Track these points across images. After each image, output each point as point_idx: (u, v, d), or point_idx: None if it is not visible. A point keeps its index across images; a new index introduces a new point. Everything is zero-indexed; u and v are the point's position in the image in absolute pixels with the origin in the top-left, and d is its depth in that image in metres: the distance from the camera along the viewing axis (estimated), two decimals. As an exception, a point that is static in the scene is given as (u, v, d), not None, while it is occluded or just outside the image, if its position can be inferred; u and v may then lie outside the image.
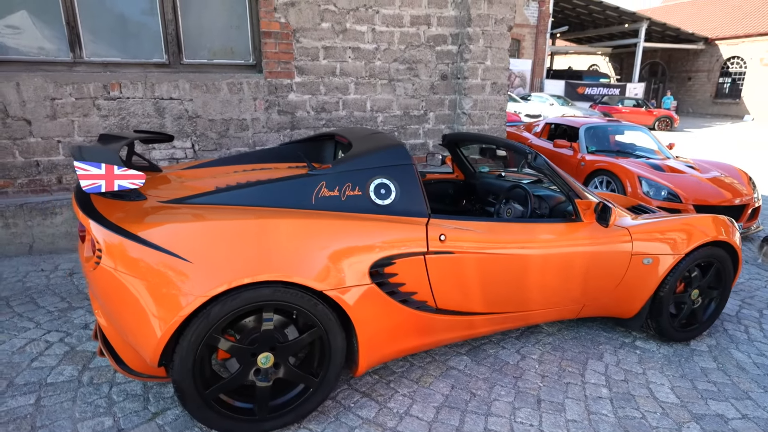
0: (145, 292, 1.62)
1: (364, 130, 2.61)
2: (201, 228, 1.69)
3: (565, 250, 2.32)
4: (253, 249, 1.71)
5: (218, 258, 1.67)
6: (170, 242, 1.64)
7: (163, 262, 1.62)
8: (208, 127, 4.00)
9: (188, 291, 1.62)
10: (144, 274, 1.62)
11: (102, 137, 2.38)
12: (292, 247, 1.76)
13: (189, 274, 1.63)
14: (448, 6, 4.47)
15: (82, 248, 1.88)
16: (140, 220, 1.69)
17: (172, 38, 3.84)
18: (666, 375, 2.40)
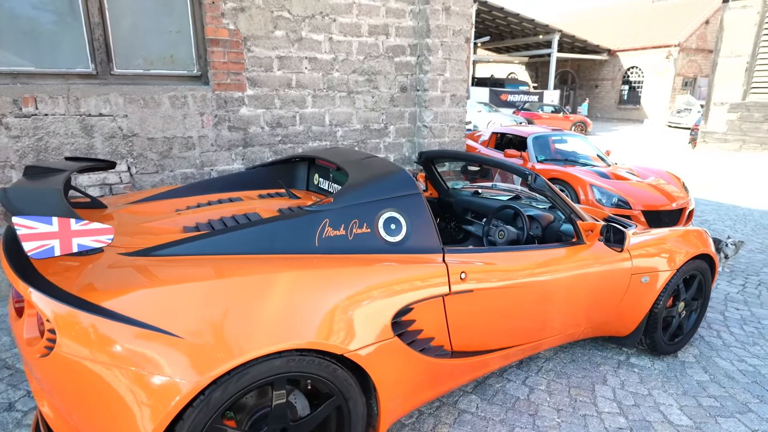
0: (122, 382, 1.23)
1: (354, 152, 2.34)
2: (189, 291, 1.34)
3: (574, 273, 2.21)
4: (260, 312, 1.38)
5: (215, 328, 1.32)
6: (151, 314, 1.27)
7: (144, 341, 1.25)
8: (147, 146, 3.48)
9: (181, 376, 1.26)
10: (119, 359, 1.23)
11: (28, 170, 1.89)
12: (305, 304, 1.46)
13: (180, 354, 1.27)
14: (407, 16, 4.31)
15: (17, 325, 1.42)
16: (105, 286, 1.30)
17: (99, 44, 3.29)
18: (670, 394, 2.38)
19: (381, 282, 1.62)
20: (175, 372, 1.25)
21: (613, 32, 30.67)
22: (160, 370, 1.24)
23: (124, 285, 1.31)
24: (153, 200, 2.30)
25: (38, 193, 1.44)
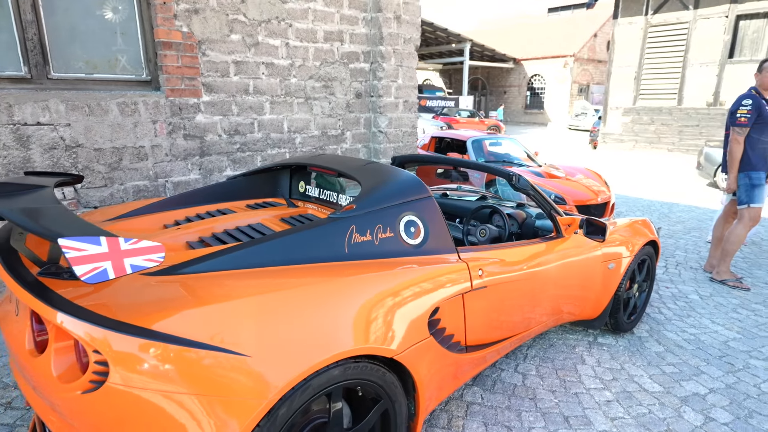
0: (186, 411, 1.15)
1: (350, 159, 2.34)
2: (246, 307, 1.28)
3: (563, 262, 2.41)
4: (316, 322, 1.36)
5: (278, 343, 1.28)
6: (211, 334, 1.20)
7: (209, 364, 1.17)
8: (93, 158, 3.16)
9: (250, 396, 1.20)
10: (181, 385, 1.14)
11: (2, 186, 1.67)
12: (355, 311, 1.45)
13: (249, 374, 1.21)
14: (360, 23, 4.36)
15: (38, 362, 1.24)
16: (152, 309, 1.20)
17: (33, 45, 2.94)
18: (638, 366, 2.67)
19: (417, 284, 1.66)
20: (243, 393, 1.19)
21: (518, 42, 33.12)
22: (228, 393, 1.18)
23: (174, 306, 1.21)
24: (134, 216, 2.12)
25: (58, 212, 1.28)
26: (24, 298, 1.20)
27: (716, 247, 4.31)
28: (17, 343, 1.35)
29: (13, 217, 1.20)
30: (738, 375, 2.60)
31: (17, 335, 1.36)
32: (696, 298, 3.72)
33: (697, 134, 12.65)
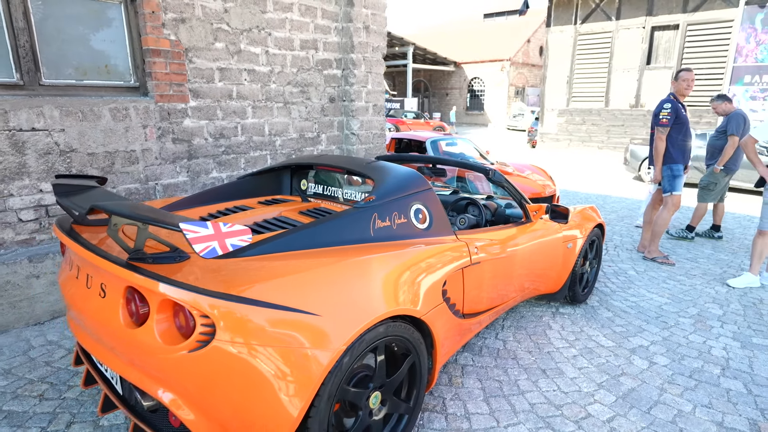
0: (275, 362, 1.42)
1: (355, 158, 2.64)
2: (315, 277, 1.57)
3: (533, 243, 2.85)
4: (367, 288, 1.67)
5: (341, 305, 1.58)
6: (291, 298, 1.48)
7: (294, 323, 1.46)
8: (87, 162, 3.23)
9: (325, 347, 1.49)
10: (272, 341, 1.42)
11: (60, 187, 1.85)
12: (393, 280, 1.78)
13: (321, 330, 1.50)
14: (332, 32, 4.65)
15: (141, 332, 1.44)
16: (242, 282, 1.46)
17: (25, 52, 2.98)
18: (594, 328, 3.18)
19: (434, 259, 2.01)
20: (319, 344, 1.48)
21: (457, 46, 34.42)
22: (308, 345, 1.46)
23: (260, 278, 1.48)
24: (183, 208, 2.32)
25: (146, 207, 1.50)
26: (130, 278, 1.41)
27: (647, 230, 5.01)
28: (103, 320, 1.55)
29: (129, 213, 1.41)
30: (671, 330, 3.18)
31: (102, 313, 1.55)
32: (633, 273, 4.35)
33: (623, 133, 14.01)
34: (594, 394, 2.41)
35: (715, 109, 5.34)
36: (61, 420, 2.07)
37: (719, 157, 5.11)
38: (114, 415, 2.12)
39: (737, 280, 4.06)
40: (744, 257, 4.87)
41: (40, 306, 2.99)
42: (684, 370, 2.67)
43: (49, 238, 3.14)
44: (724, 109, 5.22)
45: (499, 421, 2.17)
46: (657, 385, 2.51)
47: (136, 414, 1.64)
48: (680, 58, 12.90)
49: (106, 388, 1.77)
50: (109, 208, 1.48)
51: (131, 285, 1.46)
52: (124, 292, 1.51)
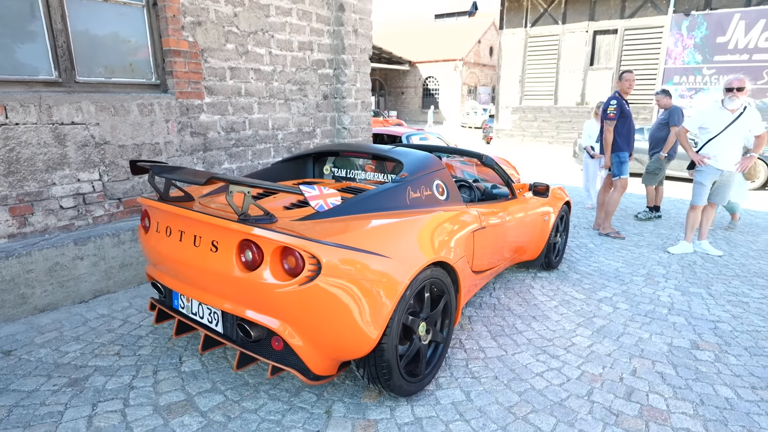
0: (363, 293, 1.89)
1: (377, 145, 3.12)
2: (384, 230, 2.06)
3: (520, 215, 3.44)
4: (418, 240, 2.17)
5: (403, 250, 2.07)
6: (373, 245, 1.96)
7: (375, 262, 1.93)
8: (118, 154, 3.50)
9: (395, 282, 1.98)
10: (362, 276, 1.89)
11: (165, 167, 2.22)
12: (435, 235, 2.29)
13: (393, 268, 1.99)
14: (325, 35, 5.07)
15: (254, 275, 1.86)
16: (334, 232, 1.91)
17: (63, 51, 3.22)
18: (567, 286, 3.83)
19: (458, 221, 2.54)
20: (391, 279, 1.97)
21: (411, 46, 35.29)
22: (385, 280, 1.94)
23: (344, 230, 1.94)
24: (221, 192, 2.69)
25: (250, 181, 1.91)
26: (250, 233, 1.83)
27: (600, 210, 5.80)
28: (216, 270, 1.94)
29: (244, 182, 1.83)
30: (627, 285, 3.88)
31: (215, 265, 1.95)
32: (592, 246, 5.09)
33: (570, 129, 15.20)
34: (575, 330, 3.03)
35: (659, 101, 6.22)
36: (147, 369, 2.42)
37: (663, 146, 5.98)
38: (193, 361, 2.49)
39: (675, 248, 4.88)
40: (679, 231, 5.75)
41: (84, 285, 3.25)
42: (640, 311, 3.35)
43: (86, 224, 3.39)
44: (666, 102, 6.11)
45: (506, 351, 2.74)
46: (621, 322, 3.17)
47: (241, 345, 2.05)
48: (619, 59, 14.20)
49: (204, 330, 2.17)
50: (228, 178, 1.89)
51: (249, 238, 1.87)
52: (238, 245, 1.92)
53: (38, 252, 3.00)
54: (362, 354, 1.99)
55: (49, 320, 2.94)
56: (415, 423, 2.07)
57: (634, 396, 2.31)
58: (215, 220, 1.92)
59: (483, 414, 2.14)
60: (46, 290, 3.06)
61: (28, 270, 2.96)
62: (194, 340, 2.73)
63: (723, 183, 4.72)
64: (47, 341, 2.69)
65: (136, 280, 3.54)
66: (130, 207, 3.64)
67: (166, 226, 2.22)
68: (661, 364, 2.63)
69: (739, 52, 12.38)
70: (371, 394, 2.26)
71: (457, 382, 2.41)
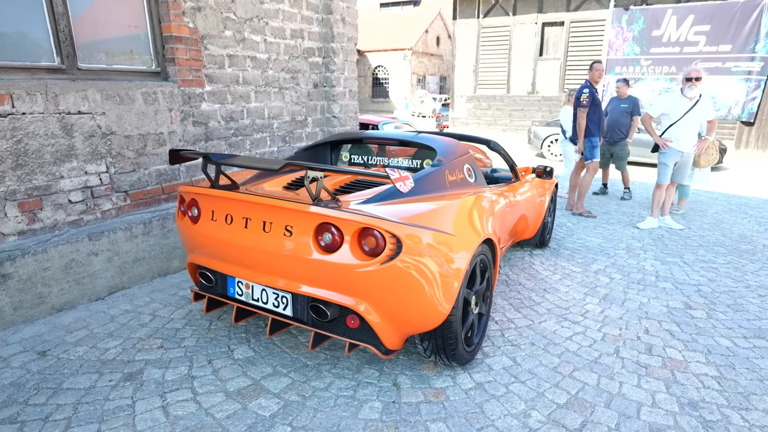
0: (436, 269, 2.02)
1: (401, 132, 3.22)
2: (446, 210, 2.19)
3: (525, 196, 3.69)
4: (474, 219, 2.33)
5: (464, 229, 2.22)
6: (441, 224, 2.09)
7: (445, 240, 2.06)
8: (124, 144, 3.36)
9: (463, 257, 2.13)
10: (435, 253, 2.02)
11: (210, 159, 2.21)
12: (484, 214, 2.46)
13: (459, 245, 2.13)
14: (314, 23, 5.04)
15: (335, 258, 1.92)
16: (403, 213, 2.03)
17: (65, 37, 3.04)
18: (561, 260, 4.16)
19: (493, 201, 2.71)
20: (460, 255, 2.11)
21: (359, 34, 35.07)
22: (454, 256, 2.09)
23: (411, 211, 2.06)
24: (258, 180, 2.70)
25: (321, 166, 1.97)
26: (330, 216, 1.89)
27: (573, 191, 6.24)
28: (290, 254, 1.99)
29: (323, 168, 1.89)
30: (614, 258, 4.27)
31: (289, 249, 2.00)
32: (570, 225, 5.49)
33: (523, 117, 15.93)
34: (584, 299, 3.33)
35: (619, 89, 6.74)
36: (200, 359, 2.42)
37: (627, 132, 6.53)
38: (243, 348, 2.51)
39: (643, 224, 5.38)
40: (639, 209, 6.31)
41: (99, 282, 3.12)
42: (633, 280, 3.72)
43: (94, 218, 3.24)
44: (624, 91, 6.64)
45: (533, 320, 2.98)
46: (620, 290, 3.51)
47: (312, 326, 2.12)
48: (566, 51, 15.02)
49: (269, 315, 2.21)
50: (305, 164, 1.93)
51: (328, 221, 1.94)
52: (315, 229, 1.98)
53: (53, 249, 2.85)
54: (433, 327, 2.13)
55: (71, 319, 2.82)
56: (478, 387, 2.24)
57: (653, 351, 2.62)
58: (295, 205, 1.97)
59: (534, 375, 2.36)
60: (63, 288, 2.92)
61: (45, 268, 2.82)
62: (235, 329, 2.74)
63: (683, 163, 5.25)
64: (80, 339, 2.59)
65: (149, 274, 3.44)
66: (137, 200, 3.51)
67: (225, 213, 2.22)
68: (666, 323, 2.97)
69: (672, 45, 13.49)
70: (429, 366, 2.41)
71: (500, 350, 2.60)
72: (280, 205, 2.00)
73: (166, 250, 3.54)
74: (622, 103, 6.67)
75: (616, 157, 6.83)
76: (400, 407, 2.08)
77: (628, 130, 6.64)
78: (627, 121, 6.57)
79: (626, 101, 6.62)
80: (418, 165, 3.15)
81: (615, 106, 6.75)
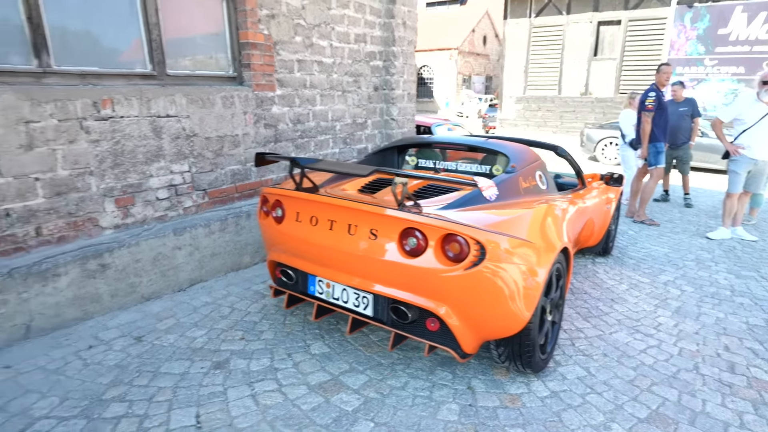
0: (518, 277, 2.04)
1: (469, 137, 3.25)
2: (525, 217, 2.21)
3: (594, 202, 3.62)
4: (551, 227, 2.33)
5: (544, 237, 2.22)
6: (522, 231, 2.11)
7: (527, 248, 2.08)
8: (204, 146, 3.57)
9: (543, 264, 2.14)
10: (517, 261, 2.04)
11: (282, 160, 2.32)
12: (560, 223, 2.45)
13: (539, 253, 2.14)
14: (376, 27, 5.14)
15: (420, 262, 1.99)
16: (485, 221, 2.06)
17: (156, 45, 3.26)
18: (629, 270, 4.04)
19: (567, 209, 2.70)
20: (540, 263, 2.12)
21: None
22: (535, 264, 2.10)
23: (492, 219, 2.08)
24: (334, 182, 2.81)
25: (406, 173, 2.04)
26: (410, 222, 1.96)
27: (634, 198, 6.03)
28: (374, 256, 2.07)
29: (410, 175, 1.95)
30: (683, 270, 4.11)
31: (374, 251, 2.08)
32: (632, 233, 5.32)
33: (574, 118, 15.48)
34: (655, 311, 3.24)
35: (675, 92, 6.48)
36: (280, 353, 2.55)
37: (689, 135, 6.27)
38: (319, 344, 2.62)
39: (714, 234, 5.14)
40: (705, 218, 6.02)
41: (181, 274, 3.33)
42: (706, 293, 3.58)
43: (176, 215, 3.46)
44: (681, 94, 6.39)
45: (603, 331, 2.93)
46: (693, 304, 3.39)
47: (392, 326, 2.19)
48: (623, 50, 14.47)
49: (349, 313, 2.30)
50: (392, 171, 2.01)
51: (413, 226, 2.00)
52: (401, 233, 2.04)
53: (144, 242, 3.07)
54: (511, 333, 2.15)
55: (159, 308, 3.03)
56: (554, 396, 2.24)
57: (736, 369, 2.53)
58: (382, 210, 2.05)
59: (610, 387, 2.33)
60: (151, 279, 3.14)
61: (137, 260, 3.04)
62: (309, 325, 2.85)
63: (757, 172, 4.97)
64: (169, 327, 2.78)
65: (224, 269, 3.63)
66: (214, 198, 3.71)
67: (310, 215, 2.33)
68: (748, 341, 2.85)
69: (740, 44, 12.73)
70: (501, 371, 2.43)
71: (571, 359, 2.59)
72: (366, 209, 2.08)
73: (239, 246, 3.73)
74: (680, 107, 6.40)
75: (680, 161, 6.56)
76: (477, 411, 2.12)
77: (689, 133, 6.38)
78: (688, 125, 6.33)
79: (684, 104, 6.36)
80: (487, 171, 3.17)
81: (673, 110, 6.47)
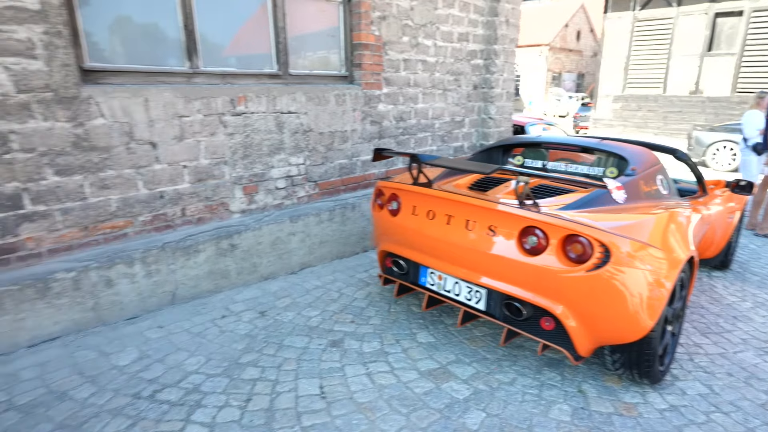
0: (643, 283, 1.99)
1: (580, 138, 3.18)
2: (650, 222, 2.14)
3: (715, 211, 3.36)
4: (678, 235, 2.23)
5: (671, 243, 2.14)
6: (648, 237, 2.04)
7: (653, 255, 2.02)
8: (318, 140, 3.83)
9: (668, 272, 2.06)
10: (644, 267, 1.98)
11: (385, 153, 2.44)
12: (687, 230, 2.35)
13: (666, 259, 2.07)
14: (479, 26, 5.14)
15: (541, 260, 2.02)
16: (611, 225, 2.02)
17: (282, 47, 3.56)
18: (753, 288, 3.69)
19: (691, 217, 2.56)
20: (668, 270, 2.05)
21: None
22: (662, 271, 2.03)
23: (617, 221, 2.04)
24: (444, 179, 2.89)
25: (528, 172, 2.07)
26: (531, 220, 1.98)
27: (757, 209, 5.46)
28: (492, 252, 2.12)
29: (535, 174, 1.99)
30: (819, 290, 3.68)
31: (491, 248, 2.13)
32: (754, 247, 4.83)
33: (680, 119, 14.21)
34: (788, 333, 2.95)
35: None
36: (389, 338, 2.69)
37: None
38: (424, 333, 2.73)
39: None
40: None
41: (294, 258, 3.62)
42: None
43: (291, 203, 3.76)
44: None
45: (725, 349, 2.74)
46: (835, 328, 3.03)
47: (504, 322, 2.23)
48: (743, 44, 13.01)
49: (461, 306, 2.38)
50: (515, 170, 2.05)
51: (534, 225, 2.03)
52: (521, 231, 2.08)
53: (266, 227, 3.38)
54: (630, 340, 2.10)
55: (276, 287, 3.33)
56: (674, 410, 2.16)
57: None
58: (503, 207, 2.10)
59: (738, 408, 2.19)
60: (270, 261, 3.45)
61: (259, 242, 3.36)
62: (413, 314, 2.97)
63: None
64: (287, 306, 3.05)
65: (329, 256, 3.88)
66: (323, 189, 3.97)
67: (427, 209, 2.43)
68: None
69: None
70: (613, 378, 2.38)
71: (690, 374, 2.46)
72: (487, 206, 2.14)
73: (344, 235, 3.95)
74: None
75: None
76: (590, 414, 2.10)
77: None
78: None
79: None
80: (600, 173, 3.07)
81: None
